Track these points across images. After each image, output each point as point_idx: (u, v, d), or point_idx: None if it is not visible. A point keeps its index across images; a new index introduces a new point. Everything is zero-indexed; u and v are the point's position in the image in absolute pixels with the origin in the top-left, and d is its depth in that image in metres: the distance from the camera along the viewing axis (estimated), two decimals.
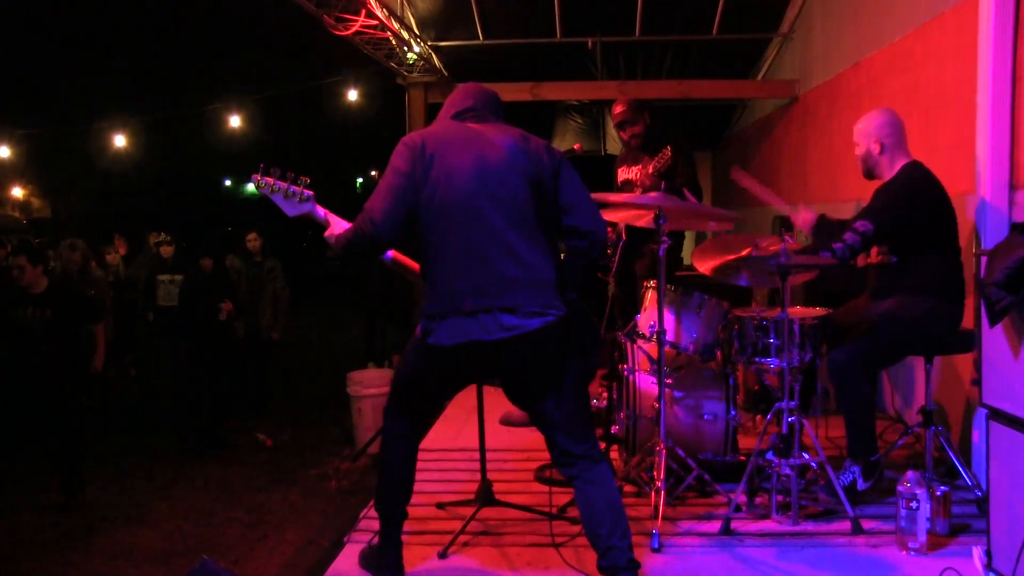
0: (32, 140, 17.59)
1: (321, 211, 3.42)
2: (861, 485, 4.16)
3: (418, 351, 3.26)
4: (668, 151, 5.41)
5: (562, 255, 3.34)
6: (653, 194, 4.24)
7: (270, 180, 3.33)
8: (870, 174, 4.36)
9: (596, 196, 4.16)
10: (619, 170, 6.02)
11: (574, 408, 3.26)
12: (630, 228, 5.41)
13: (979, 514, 3.95)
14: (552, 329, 3.09)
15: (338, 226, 3.38)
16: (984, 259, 3.79)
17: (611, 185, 6.14)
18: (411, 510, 3.61)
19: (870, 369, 4.31)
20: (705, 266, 4.52)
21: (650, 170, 5.46)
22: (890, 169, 4.27)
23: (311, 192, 3.37)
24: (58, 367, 5.96)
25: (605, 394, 5.07)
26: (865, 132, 4.32)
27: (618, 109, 5.82)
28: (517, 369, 3.24)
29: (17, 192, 26.27)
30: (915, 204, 4.12)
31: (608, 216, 4.85)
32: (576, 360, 3.25)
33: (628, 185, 5.88)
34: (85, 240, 8.44)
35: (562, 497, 4.17)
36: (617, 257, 5.72)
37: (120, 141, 16.19)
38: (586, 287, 8.14)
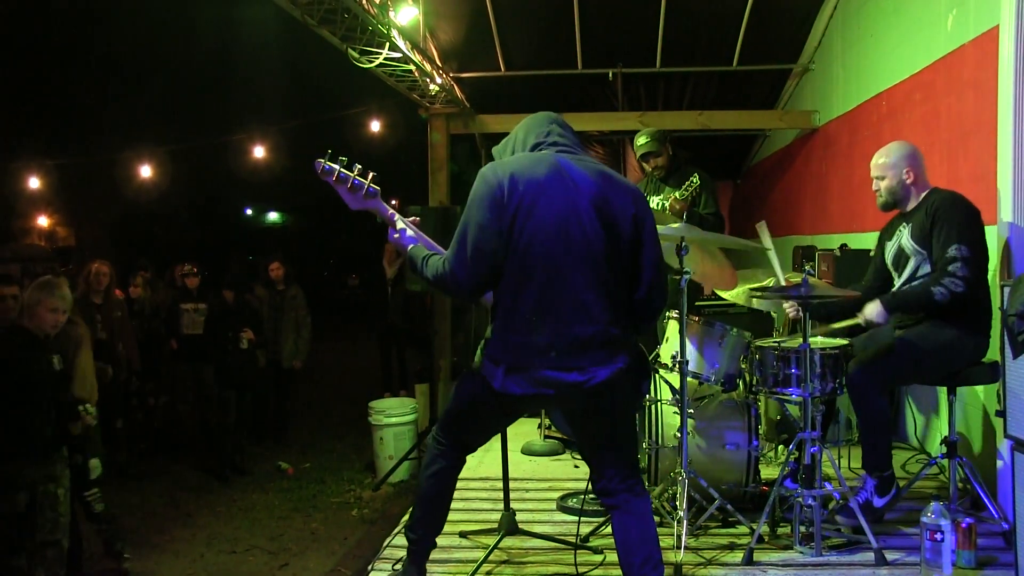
0: (58, 170, 17.83)
1: (387, 209, 3.39)
2: (877, 502, 4.14)
3: (479, 390, 3.20)
4: (695, 179, 5.49)
5: None
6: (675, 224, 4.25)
7: (334, 167, 3.28)
8: (893, 205, 4.37)
9: None
10: None
11: (622, 443, 3.26)
12: None
13: (1006, 547, 3.92)
14: (616, 379, 3.08)
15: (406, 235, 3.35)
16: (1007, 290, 3.79)
17: None
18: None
19: (887, 387, 4.29)
20: (728, 292, 4.55)
21: (678, 196, 5.53)
22: (916, 199, 4.29)
23: (377, 187, 3.33)
24: None
25: None
26: (891, 164, 4.32)
27: (641, 141, 5.89)
28: (580, 410, 3.24)
29: (42, 221, 26.59)
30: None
31: None
32: (633, 395, 3.25)
33: None
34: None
35: (585, 527, 4.17)
36: None
37: (145, 171, 16.39)
38: None
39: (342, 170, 3.27)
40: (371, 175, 3.31)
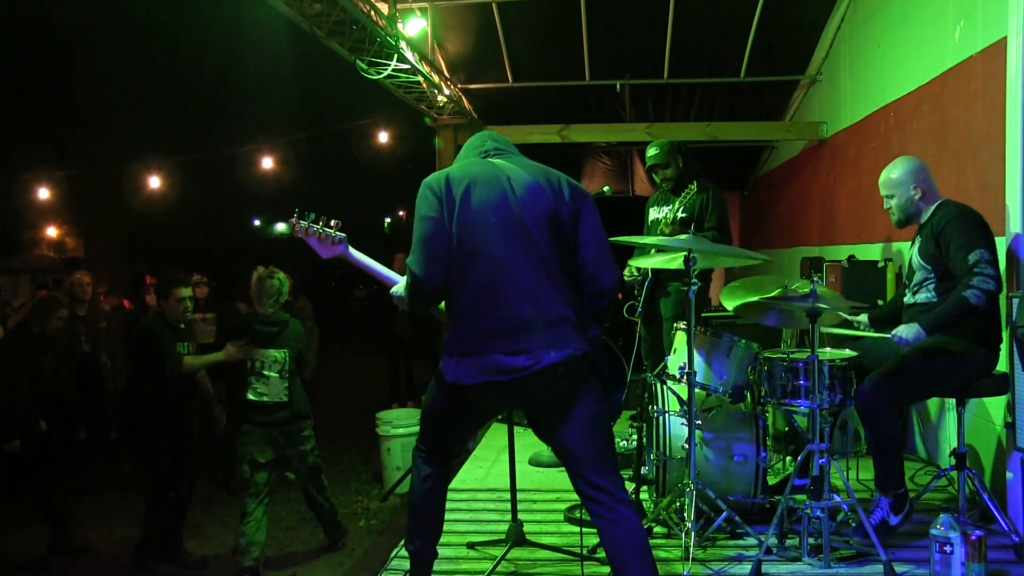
0: (67, 181, 17.92)
1: (354, 253, 3.60)
2: (893, 520, 4.12)
3: (439, 388, 3.29)
4: (693, 186, 5.48)
5: None
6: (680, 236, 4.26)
7: (303, 224, 3.54)
8: (906, 222, 4.34)
9: (625, 240, 4.22)
10: (650, 210, 6.07)
11: (595, 441, 3.23)
12: (656, 268, 5.46)
13: (1017, 560, 3.90)
14: (566, 365, 3.08)
15: (379, 272, 3.60)
16: (1016, 301, 3.78)
17: (640, 225, 6.19)
18: (441, 550, 3.62)
19: (898, 403, 4.27)
20: (734, 305, 4.54)
21: (677, 207, 5.54)
22: (927, 212, 4.26)
23: (343, 235, 3.57)
24: None
25: (635, 435, 5.07)
26: (898, 181, 4.29)
27: (651, 152, 5.90)
28: (535, 404, 3.27)
29: (51, 232, 26.72)
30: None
31: (640, 264, 4.91)
32: (597, 393, 3.25)
33: (656, 224, 5.92)
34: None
35: (593, 538, 4.15)
36: (643, 296, 5.77)
37: (154, 182, 16.47)
38: (614, 328, 8.15)
39: (311, 225, 3.55)
40: (335, 224, 3.57)
